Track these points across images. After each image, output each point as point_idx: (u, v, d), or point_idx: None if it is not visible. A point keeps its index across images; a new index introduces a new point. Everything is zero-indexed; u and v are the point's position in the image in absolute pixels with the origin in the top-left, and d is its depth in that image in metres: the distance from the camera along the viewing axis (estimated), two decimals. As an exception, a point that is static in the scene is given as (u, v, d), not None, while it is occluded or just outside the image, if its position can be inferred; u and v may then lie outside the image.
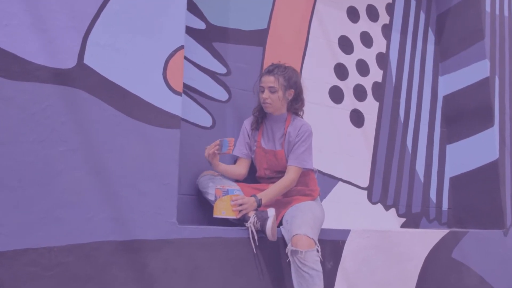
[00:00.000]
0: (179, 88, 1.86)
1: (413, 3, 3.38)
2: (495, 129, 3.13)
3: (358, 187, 2.88)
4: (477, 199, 3.18)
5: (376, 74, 3.09)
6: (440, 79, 3.45)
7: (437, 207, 3.26)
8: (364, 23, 3.07)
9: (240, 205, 1.88)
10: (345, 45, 2.96)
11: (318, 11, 2.85)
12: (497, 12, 3.38)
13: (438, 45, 3.47)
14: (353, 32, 3.01)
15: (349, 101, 2.92)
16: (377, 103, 3.06)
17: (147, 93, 1.78)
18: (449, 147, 3.40)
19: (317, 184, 2.25)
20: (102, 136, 1.67)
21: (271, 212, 1.87)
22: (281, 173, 2.12)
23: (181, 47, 1.88)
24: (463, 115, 3.32)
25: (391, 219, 3.00)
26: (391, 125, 3.11)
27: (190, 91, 2.28)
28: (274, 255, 1.95)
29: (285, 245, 1.91)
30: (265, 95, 2.11)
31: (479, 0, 3.27)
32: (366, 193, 2.92)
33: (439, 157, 3.34)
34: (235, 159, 2.26)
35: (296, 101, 2.17)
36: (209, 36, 2.40)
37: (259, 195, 1.97)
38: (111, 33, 1.73)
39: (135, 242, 1.68)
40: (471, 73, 3.28)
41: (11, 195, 1.49)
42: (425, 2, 3.45)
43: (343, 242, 2.20)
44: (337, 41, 2.92)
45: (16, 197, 1.50)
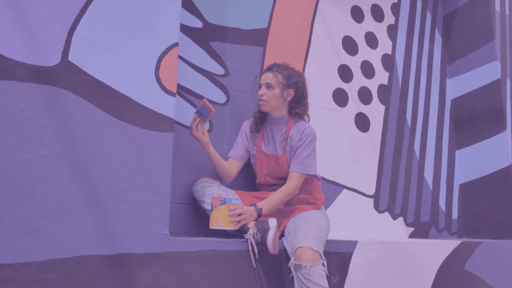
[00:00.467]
0: (173, 88, 1.73)
1: (419, 3, 3.25)
2: (507, 134, 2.99)
3: (364, 195, 2.74)
4: (489, 207, 3.04)
5: (381, 76, 2.95)
6: (447, 81, 3.31)
7: (446, 216, 3.11)
8: (368, 23, 2.94)
9: (238, 215, 1.73)
10: (349, 45, 2.82)
11: (320, 10, 2.72)
12: (507, 11, 3.25)
13: (445, 47, 3.34)
14: (357, 32, 2.88)
15: (354, 104, 2.78)
16: (383, 107, 2.92)
17: (138, 93, 1.64)
18: (458, 153, 3.26)
19: (321, 191, 2.10)
20: (87, 139, 1.53)
21: (272, 222, 1.72)
22: (282, 179, 1.97)
23: (175, 45, 1.75)
24: (473, 119, 3.18)
25: (399, 229, 2.85)
26: (398, 130, 2.96)
27: (186, 93, 2.15)
28: (275, 269, 1.80)
29: (288, 259, 1.75)
30: (261, 92, 1.98)
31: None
32: (372, 201, 2.77)
33: (448, 163, 3.19)
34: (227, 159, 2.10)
35: (297, 104, 2.03)
36: (206, 35, 2.27)
37: (259, 204, 1.82)
38: (99, 28, 1.60)
39: (123, 256, 1.53)
40: (481, 75, 3.15)
41: (-16, 204, 1.35)
42: (431, 2, 3.32)
43: (350, 254, 2.04)
44: (340, 41, 2.79)
45: (-11, 207, 1.35)
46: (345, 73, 2.78)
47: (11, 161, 1.40)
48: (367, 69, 2.89)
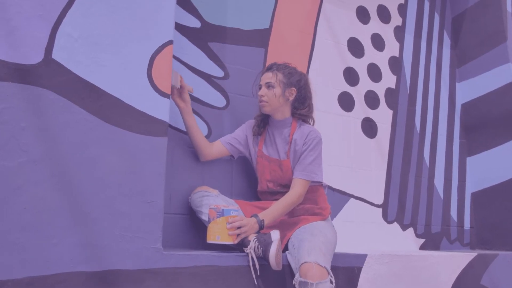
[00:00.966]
0: (167, 89, 1.59)
1: (426, 4, 3.13)
2: (521, 140, 2.85)
3: (371, 204, 2.59)
4: (502, 217, 2.88)
5: (389, 79, 2.82)
6: (457, 85, 3.18)
7: (458, 226, 2.95)
8: (375, 25, 2.82)
9: (238, 228, 1.58)
10: (355, 47, 2.70)
11: (325, 10, 2.60)
12: (519, 12, 3.12)
13: (454, 49, 3.21)
14: (363, 34, 2.76)
15: (361, 109, 2.65)
16: (390, 111, 2.79)
17: (128, 94, 1.51)
18: (470, 160, 3.11)
19: (327, 201, 1.96)
20: (72, 144, 1.40)
21: (275, 235, 1.58)
22: (286, 187, 1.83)
23: (170, 43, 1.62)
24: (484, 124, 3.04)
25: (409, 240, 2.69)
26: (406, 135, 2.82)
27: (182, 95, 2.02)
28: (278, 287, 1.64)
29: (292, 275, 1.60)
30: (261, 92, 1.86)
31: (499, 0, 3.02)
32: (380, 211, 2.62)
33: (459, 170, 3.04)
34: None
35: (301, 105, 1.89)
36: (204, 35, 2.15)
37: (261, 215, 1.68)
38: (87, 24, 1.47)
39: (111, 273, 1.39)
40: (492, 79, 3.01)
41: (-46, 216, 1.21)
42: (439, 3, 3.20)
43: (359, 269, 1.89)
44: (346, 43, 2.67)
45: (-40, 219, 1.22)
46: (351, 76, 2.65)
47: (-14, 168, 1.27)
48: (374, 72, 2.76)
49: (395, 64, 2.87)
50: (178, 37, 2.05)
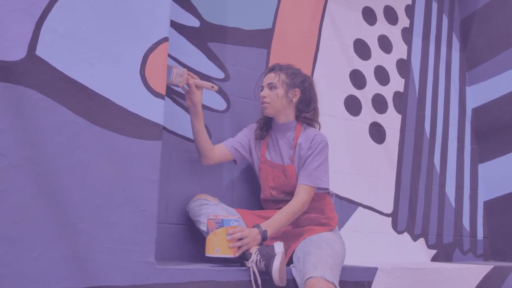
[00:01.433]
0: (161, 89, 1.48)
1: (434, 6, 3.02)
2: (535, 145, 2.72)
3: (380, 213, 2.46)
4: (517, 227, 2.74)
5: (397, 83, 2.70)
6: (467, 89, 3.06)
7: (471, 236, 2.81)
8: (382, 26, 2.71)
9: (239, 240, 1.46)
10: (362, 49, 2.59)
11: (329, 10, 2.50)
12: (531, 13, 3.01)
13: (463, 52, 3.10)
14: (369, 35, 2.65)
15: (368, 113, 2.53)
16: (399, 116, 2.66)
17: (119, 94, 1.40)
18: (481, 167, 2.97)
19: (334, 210, 1.83)
20: (56, 149, 1.28)
21: (278, 247, 1.45)
22: (291, 195, 1.71)
23: (165, 40, 1.51)
24: (496, 130, 2.91)
25: (420, 251, 2.56)
26: (416, 141, 2.69)
27: (180, 98, 1.90)
28: (283, 303, 1.51)
29: (297, 291, 1.47)
30: (263, 93, 1.74)
31: (510, 0, 2.91)
32: (390, 220, 2.49)
33: (470, 178, 2.91)
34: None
35: (305, 107, 1.78)
36: (204, 35, 2.04)
37: (264, 225, 1.56)
38: (74, 18, 1.36)
39: (98, 289, 1.26)
40: (503, 82, 2.89)
41: None
42: (447, 5, 3.09)
43: (369, 283, 1.76)
44: (352, 44, 2.55)
45: None
46: (358, 79, 2.53)
47: (-39, 174, 1.16)
48: (381, 75, 2.64)
49: (403, 66, 2.76)
50: (176, 36, 1.95)
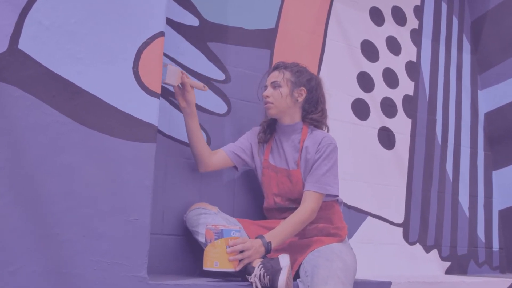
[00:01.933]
0: (156, 88, 1.37)
1: (444, 7, 2.91)
2: (553, 151, 2.58)
3: (391, 223, 2.32)
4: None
5: (406, 86, 2.58)
6: (479, 93, 2.93)
7: (486, 247, 2.66)
8: (390, 27, 2.60)
9: (240, 253, 1.33)
10: (369, 51, 2.47)
11: (335, 10, 2.39)
12: (545, 13, 2.90)
13: (474, 55, 2.98)
14: (377, 36, 2.54)
15: (377, 117, 2.40)
16: (409, 120, 2.54)
17: (110, 93, 1.28)
18: (496, 174, 2.84)
19: (343, 219, 1.70)
20: (39, 150, 1.16)
21: (284, 260, 1.32)
22: (296, 202, 1.58)
23: (160, 34, 1.40)
24: (511, 135, 2.78)
25: (433, 264, 2.41)
26: (427, 147, 2.56)
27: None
28: (289, 322, 1.37)
29: (305, 309, 1.34)
30: (266, 92, 1.63)
31: (523, 1, 2.80)
32: (401, 230, 2.35)
33: (484, 186, 2.77)
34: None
35: (312, 108, 1.65)
36: (203, 34, 1.93)
37: (267, 236, 1.42)
38: (61, 10, 1.26)
39: (83, 308, 1.13)
40: (518, 85, 2.77)
41: None
42: (457, 6, 2.98)
43: (383, 299, 1.62)
44: (359, 46, 2.44)
45: None
46: (365, 81, 2.42)
47: None
48: (390, 78, 2.52)
49: (413, 69, 2.64)
50: (173, 35, 1.84)
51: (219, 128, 1.87)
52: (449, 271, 2.46)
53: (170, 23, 1.82)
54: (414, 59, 2.66)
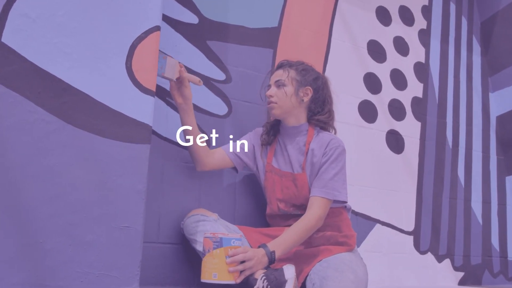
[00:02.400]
0: (151, 85, 1.27)
1: (452, 7, 2.82)
2: None
3: (401, 231, 2.21)
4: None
5: (415, 87, 2.49)
6: (490, 95, 2.83)
7: (501, 257, 2.54)
8: (397, 27, 2.51)
9: (241, 263, 1.22)
10: (376, 51, 2.38)
11: (341, 9, 2.30)
12: (558, 13, 2.80)
13: (485, 56, 2.88)
14: (384, 36, 2.45)
15: (385, 120, 2.31)
16: (418, 123, 2.44)
17: (100, 90, 1.19)
18: (509, 179, 2.72)
19: (351, 227, 1.60)
20: (23, 151, 1.07)
21: (289, 271, 1.21)
22: (302, 208, 1.47)
23: (156, 29, 1.31)
24: (524, 139, 2.67)
25: (446, 274, 2.29)
26: (437, 151, 2.46)
27: (175, 100, 1.70)
28: None
29: (312, 325, 1.23)
30: (270, 92, 1.53)
31: (534, 1, 2.71)
32: (412, 239, 2.24)
33: (498, 192, 2.65)
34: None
35: (319, 108, 1.56)
36: (203, 33, 1.85)
37: (271, 245, 1.32)
38: (48, 1, 1.17)
39: (68, 324, 1.03)
40: (530, 87, 2.67)
41: None
42: (466, 6, 2.90)
43: (395, 313, 1.51)
44: (365, 46, 2.35)
45: None
46: (372, 83, 2.32)
47: None
48: (398, 79, 2.43)
49: (421, 70, 2.54)
50: (171, 33, 1.76)
51: (219, 130, 1.78)
52: (462, 282, 2.34)
53: (167, 20, 1.75)
54: (422, 60, 2.57)
